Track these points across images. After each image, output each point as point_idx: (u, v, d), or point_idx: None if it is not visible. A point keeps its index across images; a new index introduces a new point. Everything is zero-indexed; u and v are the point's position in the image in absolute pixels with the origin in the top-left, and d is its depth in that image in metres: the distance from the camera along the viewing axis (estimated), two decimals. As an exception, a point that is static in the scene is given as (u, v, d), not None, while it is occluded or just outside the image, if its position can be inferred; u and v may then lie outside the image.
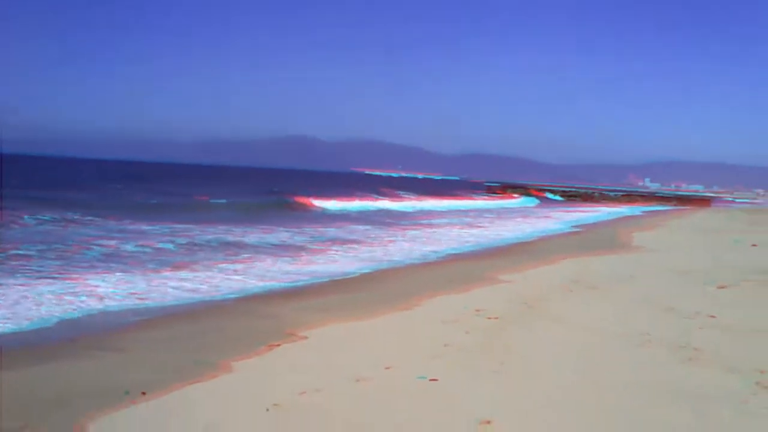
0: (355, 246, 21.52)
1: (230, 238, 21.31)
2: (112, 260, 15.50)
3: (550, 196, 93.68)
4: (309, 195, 47.81)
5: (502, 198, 79.52)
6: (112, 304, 11.11)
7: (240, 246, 19.57)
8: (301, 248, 20.11)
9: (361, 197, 54.92)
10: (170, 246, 18.53)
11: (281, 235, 23.45)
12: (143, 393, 6.75)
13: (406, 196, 66.82)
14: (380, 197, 58.55)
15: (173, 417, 6.18)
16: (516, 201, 74.49)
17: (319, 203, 43.48)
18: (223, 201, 37.90)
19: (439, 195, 72.40)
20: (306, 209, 40.44)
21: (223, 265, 15.79)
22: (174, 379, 7.20)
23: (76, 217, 25.00)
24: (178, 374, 7.40)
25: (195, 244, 19.23)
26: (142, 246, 18.08)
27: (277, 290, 13.10)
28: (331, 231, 26.34)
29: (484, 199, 73.51)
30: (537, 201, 78.05)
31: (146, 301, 11.45)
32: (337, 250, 20.11)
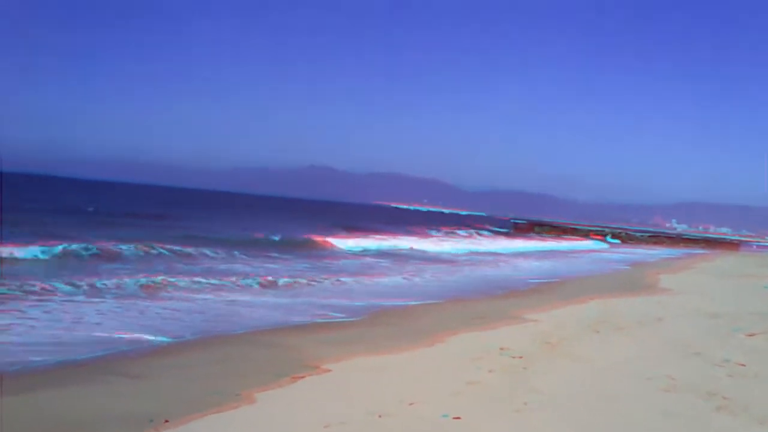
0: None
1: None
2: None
3: (609, 239, 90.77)
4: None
5: (569, 240, 76.26)
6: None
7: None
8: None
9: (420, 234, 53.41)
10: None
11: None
12: (166, 421, 6.73)
13: (481, 235, 65.46)
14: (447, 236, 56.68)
15: None
16: (585, 243, 72.21)
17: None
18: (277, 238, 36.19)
19: (507, 236, 70.67)
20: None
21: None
22: (197, 408, 7.16)
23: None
24: (200, 403, 7.36)
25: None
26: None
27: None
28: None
29: (554, 241, 69.56)
30: (604, 243, 77.51)
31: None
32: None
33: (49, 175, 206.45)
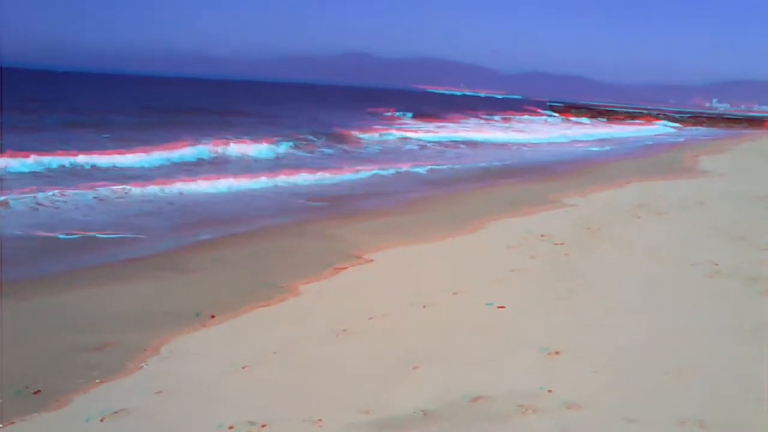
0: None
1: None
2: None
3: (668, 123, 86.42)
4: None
5: (640, 125, 71.98)
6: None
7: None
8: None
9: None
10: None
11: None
12: (213, 316, 6.79)
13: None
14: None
15: (243, 340, 6.20)
16: (655, 128, 66.99)
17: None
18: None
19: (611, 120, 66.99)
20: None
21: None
22: (242, 302, 7.21)
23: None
24: (246, 297, 7.40)
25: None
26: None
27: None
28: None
29: (620, 125, 65.84)
30: (670, 128, 71.75)
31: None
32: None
33: (74, 71, 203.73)
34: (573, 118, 78.46)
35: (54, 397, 5.03)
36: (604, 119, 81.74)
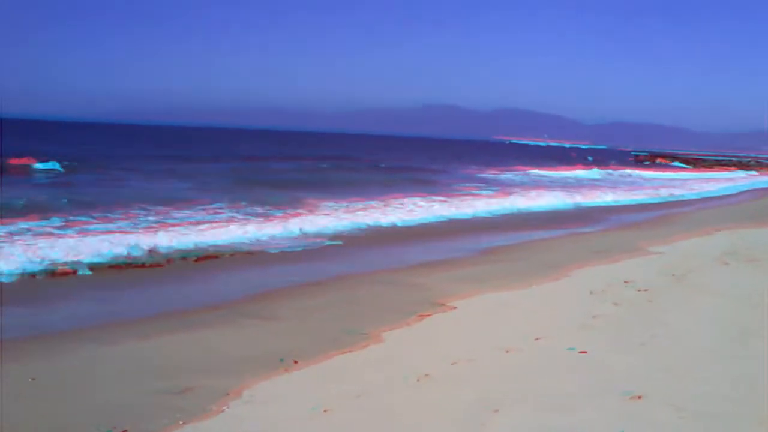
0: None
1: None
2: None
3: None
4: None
5: (728, 171, 69.60)
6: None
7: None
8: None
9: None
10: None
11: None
12: (296, 362, 6.78)
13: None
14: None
15: (325, 385, 6.15)
16: (744, 175, 63.61)
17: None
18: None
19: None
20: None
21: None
22: (325, 349, 7.18)
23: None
24: (329, 343, 7.37)
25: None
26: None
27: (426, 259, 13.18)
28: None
29: (715, 172, 64.21)
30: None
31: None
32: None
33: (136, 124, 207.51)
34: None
35: (139, 438, 5.13)
36: (690, 166, 79.22)
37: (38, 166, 30.43)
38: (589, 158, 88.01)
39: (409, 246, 15.06)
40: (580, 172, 53.37)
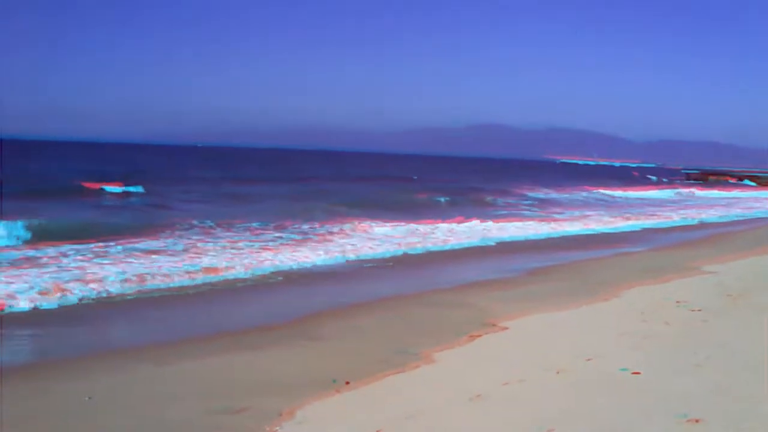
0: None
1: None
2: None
3: None
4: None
5: None
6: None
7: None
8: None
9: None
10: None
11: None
12: (347, 383, 6.80)
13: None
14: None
15: (377, 406, 6.17)
16: None
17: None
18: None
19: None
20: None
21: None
22: (376, 370, 7.20)
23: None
24: (380, 364, 7.39)
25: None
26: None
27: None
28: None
29: None
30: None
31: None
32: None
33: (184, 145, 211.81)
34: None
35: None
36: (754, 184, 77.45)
37: (127, 189, 31.78)
38: (653, 178, 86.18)
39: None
40: (652, 192, 52.16)
